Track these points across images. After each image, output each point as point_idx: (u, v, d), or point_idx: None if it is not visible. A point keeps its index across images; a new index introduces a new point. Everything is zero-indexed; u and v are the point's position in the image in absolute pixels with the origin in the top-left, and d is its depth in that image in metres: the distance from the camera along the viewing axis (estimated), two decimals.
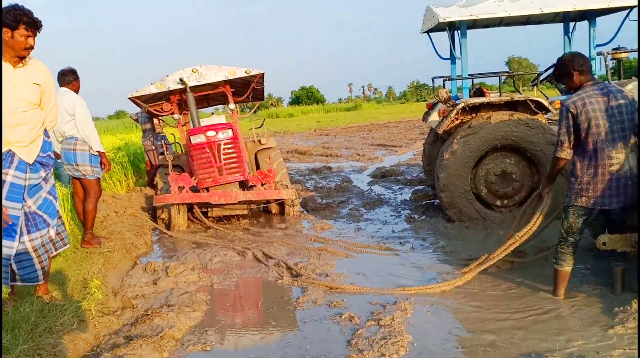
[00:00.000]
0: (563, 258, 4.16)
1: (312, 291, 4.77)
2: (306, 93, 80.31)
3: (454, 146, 6.54)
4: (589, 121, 3.86)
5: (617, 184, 3.87)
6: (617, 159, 3.85)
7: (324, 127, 31.41)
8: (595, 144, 3.87)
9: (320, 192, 10.17)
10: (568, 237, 4.13)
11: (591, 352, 3.32)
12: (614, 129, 3.83)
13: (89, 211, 6.23)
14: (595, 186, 3.91)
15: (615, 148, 3.84)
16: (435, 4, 7.10)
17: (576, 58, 4.03)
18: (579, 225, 4.07)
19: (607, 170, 3.87)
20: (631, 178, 3.86)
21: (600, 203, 3.92)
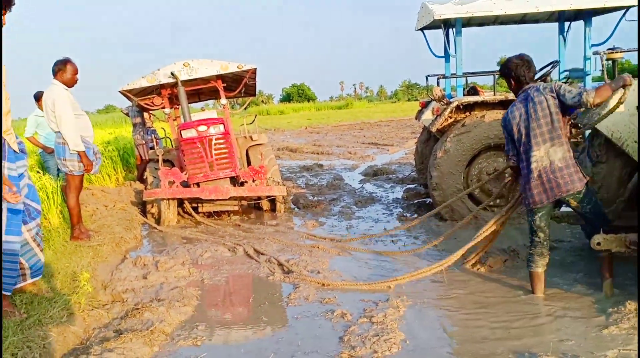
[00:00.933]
0: (532, 259, 4.24)
1: (303, 288, 4.74)
2: (297, 91, 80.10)
3: (447, 144, 6.52)
4: (511, 128, 4.16)
5: (541, 181, 4.03)
6: (535, 157, 4.02)
7: (315, 125, 31.36)
8: (521, 148, 4.11)
9: (312, 189, 10.13)
10: (533, 238, 4.22)
11: (585, 352, 3.31)
12: (532, 127, 4.02)
13: (71, 206, 6.14)
14: (529, 185, 4.09)
15: (534, 147, 4.01)
16: (430, 1, 7.07)
17: (520, 68, 4.14)
18: (537, 223, 4.17)
19: (530, 169, 4.06)
20: (552, 172, 3.99)
21: (539, 201, 4.07)
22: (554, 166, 4.02)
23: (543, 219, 4.19)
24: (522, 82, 4.18)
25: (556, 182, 4.02)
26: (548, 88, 4.07)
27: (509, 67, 4.20)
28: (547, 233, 4.22)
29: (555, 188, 4.03)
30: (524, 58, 4.20)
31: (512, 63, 4.18)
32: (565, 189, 4.02)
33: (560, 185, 4.02)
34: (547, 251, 4.24)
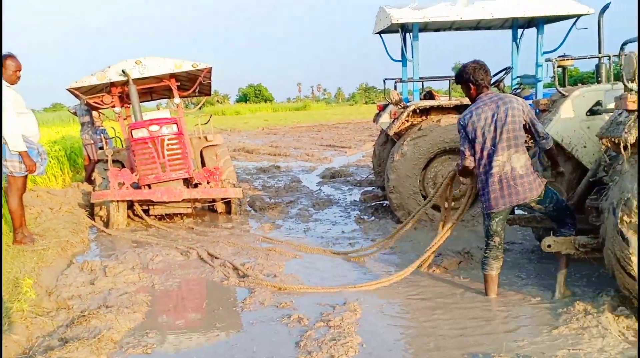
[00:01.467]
0: (487, 262, 4.29)
1: (259, 292, 4.65)
2: (254, 91, 79.39)
3: (405, 147, 6.57)
4: (475, 130, 4.12)
5: (501, 186, 4.07)
6: (498, 161, 4.05)
7: (272, 126, 31.25)
8: (482, 151, 4.11)
9: (269, 191, 10.04)
10: (489, 241, 4.27)
11: (537, 352, 3.36)
12: (497, 133, 4.04)
13: (13, 209, 5.82)
14: (488, 189, 4.11)
15: (499, 151, 4.04)
16: (388, 4, 7.10)
17: (478, 71, 4.18)
18: (493, 228, 4.22)
19: (490, 173, 4.09)
20: (513, 179, 4.05)
21: (495, 205, 4.11)
22: (515, 172, 4.08)
23: (499, 224, 4.25)
24: (481, 86, 4.21)
25: (515, 189, 4.08)
26: (524, 105, 4.13)
27: (467, 72, 4.22)
28: (503, 237, 4.28)
29: (514, 194, 4.09)
30: (480, 62, 4.26)
31: (469, 68, 4.22)
32: (523, 197, 4.10)
33: (519, 193, 4.09)
34: (501, 254, 4.30)
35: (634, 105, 3.45)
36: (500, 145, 4.05)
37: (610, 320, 3.59)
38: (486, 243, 4.32)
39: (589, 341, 3.42)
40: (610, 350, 3.29)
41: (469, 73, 4.20)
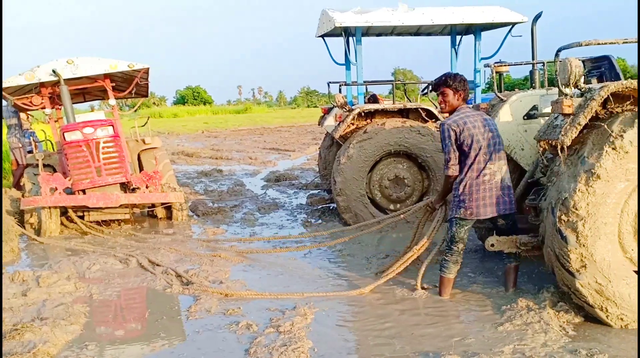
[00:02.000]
0: (447, 266, 4.34)
1: (205, 299, 4.52)
2: (192, 93, 77.74)
3: (351, 150, 6.60)
4: (471, 137, 4.06)
5: (490, 195, 4.11)
6: (490, 171, 4.09)
7: (213, 129, 30.75)
8: (475, 158, 4.09)
9: (211, 196, 9.84)
10: (452, 246, 4.31)
11: (484, 349, 3.43)
12: (490, 143, 4.09)
13: None
14: (471, 197, 4.12)
15: (491, 161, 4.09)
16: (331, 8, 7.13)
17: (463, 81, 4.24)
18: (461, 235, 4.26)
19: (481, 181, 4.10)
20: (502, 189, 4.12)
21: (476, 213, 4.13)
22: (504, 183, 4.15)
23: (467, 232, 4.29)
24: (465, 96, 4.25)
25: (503, 199, 4.13)
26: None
27: (461, 80, 4.22)
28: (465, 243, 4.33)
29: (502, 204, 4.13)
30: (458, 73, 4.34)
31: (460, 77, 4.24)
32: (507, 207, 4.16)
33: (506, 203, 4.15)
34: (461, 259, 4.36)
35: (570, 109, 3.60)
36: (494, 154, 4.09)
37: (551, 316, 3.72)
38: (449, 247, 4.33)
39: (533, 336, 3.53)
40: (553, 344, 3.41)
41: (462, 82, 4.22)
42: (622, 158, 3.38)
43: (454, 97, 4.21)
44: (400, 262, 4.70)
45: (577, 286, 3.54)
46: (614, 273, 3.48)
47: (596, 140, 3.54)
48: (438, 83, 4.29)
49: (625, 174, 3.41)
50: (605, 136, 3.46)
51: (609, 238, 3.49)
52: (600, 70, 4.98)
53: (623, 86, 3.45)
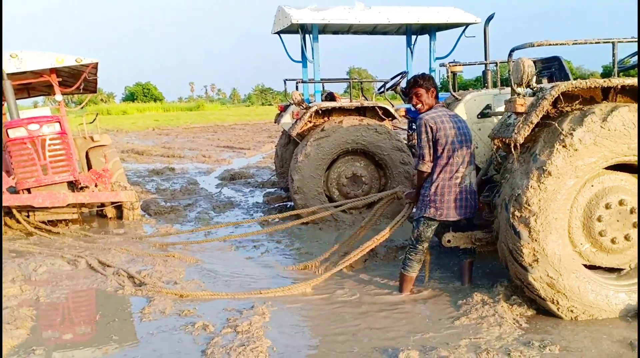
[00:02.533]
0: (410, 264, 4.38)
1: (159, 300, 4.41)
2: (142, 90, 75.72)
3: (308, 148, 6.58)
4: (446, 137, 4.11)
5: (461, 198, 4.18)
6: (462, 174, 4.16)
7: (164, 127, 30.09)
8: (448, 159, 4.13)
9: (164, 194, 9.61)
10: (417, 245, 4.35)
11: (442, 343, 3.49)
12: (462, 146, 4.15)
13: None
14: (442, 198, 4.17)
15: (463, 163, 4.15)
16: (287, 4, 7.09)
17: (431, 79, 4.34)
18: (427, 234, 4.32)
19: (453, 183, 4.15)
20: (470, 193, 4.20)
21: (446, 215, 4.19)
22: (472, 187, 4.23)
23: (432, 232, 4.33)
24: (437, 96, 4.32)
25: (470, 203, 4.21)
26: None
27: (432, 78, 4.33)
28: (428, 243, 4.38)
29: (469, 208, 4.21)
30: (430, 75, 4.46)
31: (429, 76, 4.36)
32: (472, 211, 4.24)
33: (472, 207, 4.23)
34: (424, 258, 4.40)
35: (523, 108, 3.70)
36: (467, 158, 4.15)
37: (505, 309, 3.82)
38: (413, 246, 4.35)
39: (488, 329, 3.61)
40: (507, 337, 3.50)
41: (431, 80, 4.31)
42: (572, 156, 3.50)
43: (427, 96, 4.28)
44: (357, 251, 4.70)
45: (530, 280, 3.64)
46: (564, 267, 3.61)
47: (547, 138, 3.65)
48: (410, 86, 4.35)
49: (575, 171, 3.53)
50: (555, 134, 3.57)
51: (560, 232, 3.61)
52: (550, 70, 5.16)
53: (573, 86, 3.58)
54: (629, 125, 3.49)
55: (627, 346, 3.30)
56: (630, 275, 3.86)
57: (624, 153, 3.55)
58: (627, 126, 3.49)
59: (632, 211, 3.70)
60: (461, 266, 4.51)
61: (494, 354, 3.26)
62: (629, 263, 3.86)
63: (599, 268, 3.89)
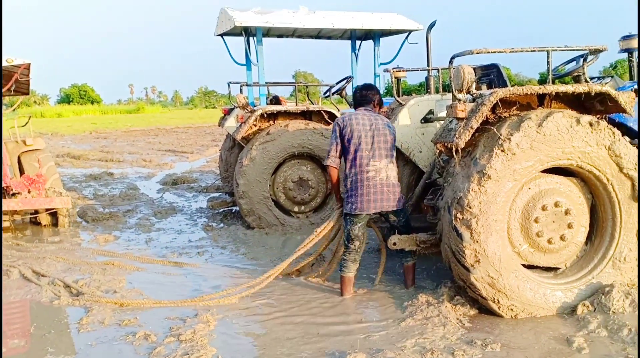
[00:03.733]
0: (346, 265, 4.43)
1: (98, 310, 4.24)
2: (79, 92, 72.81)
3: (253, 152, 6.51)
4: (352, 132, 4.27)
5: (375, 191, 4.26)
6: (375, 168, 4.25)
7: (102, 130, 29.05)
8: (356, 153, 4.26)
9: (102, 200, 9.25)
10: (349, 245, 4.40)
11: (388, 345, 3.53)
12: (375, 141, 4.27)
13: None
14: (355, 192, 4.27)
15: (374, 158, 4.26)
16: (230, 6, 7.01)
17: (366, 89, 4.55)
18: (355, 232, 4.37)
19: (365, 177, 4.25)
20: (387, 186, 4.29)
21: (360, 208, 4.27)
22: (389, 180, 4.30)
23: (361, 228, 4.39)
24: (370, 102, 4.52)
25: (387, 196, 4.28)
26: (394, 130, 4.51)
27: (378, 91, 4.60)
28: (362, 241, 4.43)
29: (385, 201, 4.28)
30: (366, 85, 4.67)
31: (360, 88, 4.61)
32: (393, 204, 4.32)
33: (390, 200, 4.30)
34: (359, 257, 4.45)
35: (463, 113, 3.82)
36: (378, 152, 4.25)
37: (449, 309, 3.91)
38: (346, 246, 4.41)
39: (432, 330, 3.68)
40: (451, 336, 3.58)
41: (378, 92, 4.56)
42: (510, 159, 3.63)
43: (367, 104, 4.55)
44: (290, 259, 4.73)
45: (472, 280, 3.75)
46: (504, 267, 3.74)
47: (487, 143, 3.77)
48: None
49: (513, 175, 3.67)
50: (494, 138, 3.70)
51: (500, 234, 3.74)
52: (489, 77, 5.35)
53: (510, 93, 3.72)
54: (563, 130, 3.67)
55: (565, 342, 3.45)
56: (566, 273, 4.05)
57: (559, 156, 3.73)
58: (561, 131, 3.66)
59: (566, 212, 3.89)
60: (404, 269, 4.59)
61: (438, 354, 3.33)
62: (564, 262, 4.06)
63: (536, 268, 4.07)
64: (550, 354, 3.32)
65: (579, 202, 3.98)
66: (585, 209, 4.01)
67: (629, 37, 4.67)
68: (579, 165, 3.81)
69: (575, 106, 4.04)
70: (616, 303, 3.68)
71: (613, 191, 3.88)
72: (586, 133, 3.72)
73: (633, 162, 3.81)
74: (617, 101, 3.80)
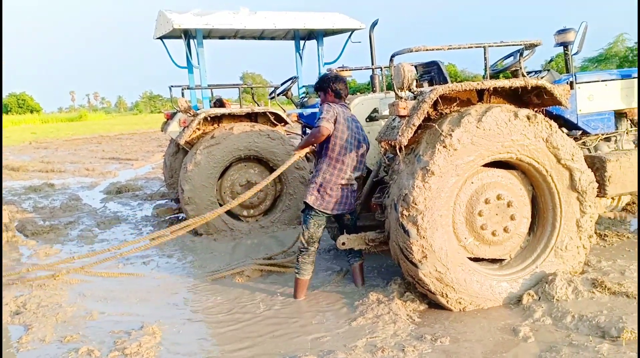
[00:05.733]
0: (305, 268, 4.38)
1: (38, 328, 4.05)
2: (17, 101, 69.60)
3: (198, 157, 6.36)
4: (344, 130, 4.20)
5: (342, 195, 4.27)
6: (348, 175, 4.25)
7: (42, 140, 27.82)
8: (339, 157, 4.21)
9: (42, 213, 8.83)
10: (309, 247, 4.36)
11: (339, 345, 3.50)
12: (351, 141, 4.24)
13: None
14: (325, 191, 4.23)
15: (351, 166, 4.24)
16: (168, 9, 6.83)
17: (339, 81, 4.39)
18: (318, 234, 4.35)
19: (339, 181, 4.23)
20: (351, 191, 4.33)
21: (325, 208, 4.25)
22: (354, 187, 4.35)
23: (320, 231, 4.35)
24: (341, 96, 4.40)
25: (350, 199, 4.33)
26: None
27: (329, 80, 4.38)
28: (318, 244, 4.40)
29: (348, 204, 4.33)
30: (340, 76, 4.48)
31: (332, 77, 4.40)
32: (354, 205, 4.37)
33: (352, 203, 4.35)
34: (314, 259, 4.41)
35: (405, 111, 3.84)
36: (355, 163, 4.27)
37: (399, 306, 3.92)
38: (306, 248, 4.34)
39: (383, 328, 3.68)
40: (402, 333, 3.59)
41: (331, 81, 4.36)
42: (452, 155, 3.68)
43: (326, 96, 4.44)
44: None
45: (420, 276, 3.77)
46: (451, 261, 3.78)
47: (429, 139, 3.81)
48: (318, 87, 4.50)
49: (456, 170, 3.71)
50: (436, 135, 3.74)
51: (445, 228, 3.79)
52: (430, 74, 5.41)
53: (450, 89, 3.77)
54: (502, 124, 3.74)
55: (511, 332, 3.53)
56: (511, 264, 4.15)
57: (499, 150, 3.80)
58: (500, 125, 3.74)
59: (509, 204, 3.98)
60: (352, 269, 4.58)
61: (389, 351, 3.33)
62: (509, 253, 4.15)
63: (482, 260, 4.14)
64: (498, 345, 3.38)
65: (521, 194, 4.08)
66: (526, 200, 4.12)
67: (564, 31, 4.82)
68: (518, 158, 3.90)
69: (514, 100, 4.13)
70: (559, 291, 3.79)
71: (552, 182, 4.00)
72: (524, 126, 3.81)
73: (570, 153, 3.94)
74: (553, 94, 3.91)
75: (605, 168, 4.31)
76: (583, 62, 25.10)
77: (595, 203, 4.09)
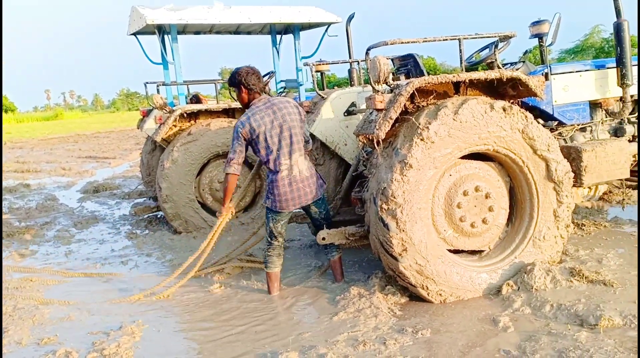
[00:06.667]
0: (272, 260, 4.37)
1: (14, 330, 3.96)
2: None
3: (175, 154, 6.27)
4: (257, 135, 4.05)
5: (291, 190, 4.17)
6: (285, 165, 4.15)
7: (17, 140, 27.26)
8: (268, 155, 4.11)
9: (17, 214, 8.66)
10: (272, 241, 4.35)
11: (321, 340, 3.49)
12: (282, 136, 4.10)
13: None
14: (274, 191, 4.17)
15: (285, 155, 4.13)
16: (141, 4, 6.70)
17: (250, 76, 4.17)
18: (279, 229, 4.31)
19: (280, 177, 4.14)
20: (301, 181, 4.19)
21: (280, 208, 4.20)
22: (302, 174, 4.18)
23: (284, 225, 4.32)
24: (254, 91, 4.18)
25: (304, 191, 4.19)
26: (298, 107, 4.23)
27: (240, 75, 4.15)
28: (284, 236, 4.38)
29: (303, 196, 4.19)
30: (254, 68, 4.24)
31: (242, 72, 4.16)
32: (311, 197, 4.23)
33: (307, 194, 4.21)
34: (283, 252, 4.41)
35: (382, 104, 3.82)
36: (286, 149, 4.10)
37: (380, 299, 3.92)
38: (269, 243, 4.35)
39: (365, 321, 3.67)
40: (383, 326, 3.59)
41: (242, 76, 4.14)
42: (430, 148, 3.68)
43: (240, 94, 4.22)
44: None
45: (401, 269, 3.78)
46: (430, 253, 3.79)
47: (406, 132, 3.80)
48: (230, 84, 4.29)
49: (434, 162, 3.72)
50: (414, 128, 3.73)
51: (424, 221, 3.79)
52: (407, 67, 5.41)
53: (426, 82, 3.77)
54: (478, 116, 3.75)
55: (491, 322, 3.55)
56: (490, 255, 4.18)
57: (476, 142, 3.82)
58: (477, 117, 3.75)
59: (487, 196, 4.00)
60: (331, 264, 4.56)
61: (370, 345, 3.33)
62: (488, 244, 4.18)
63: (462, 252, 4.16)
64: (478, 335, 3.40)
65: (498, 186, 4.11)
66: (504, 192, 4.14)
67: (538, 23, 4.84)
68: (495, 149, 3.92)
69: (490, 92, 4.15)
70: (538, 281, 3.83)
71: (529, 173, 4.02)
72: (500, 118, 3.83)
73: (546, 144, 3.97)
74: (528, 85, 3.93)
75: (581, 158, 4.36)
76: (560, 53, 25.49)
77: (572, 193, 4.13)
